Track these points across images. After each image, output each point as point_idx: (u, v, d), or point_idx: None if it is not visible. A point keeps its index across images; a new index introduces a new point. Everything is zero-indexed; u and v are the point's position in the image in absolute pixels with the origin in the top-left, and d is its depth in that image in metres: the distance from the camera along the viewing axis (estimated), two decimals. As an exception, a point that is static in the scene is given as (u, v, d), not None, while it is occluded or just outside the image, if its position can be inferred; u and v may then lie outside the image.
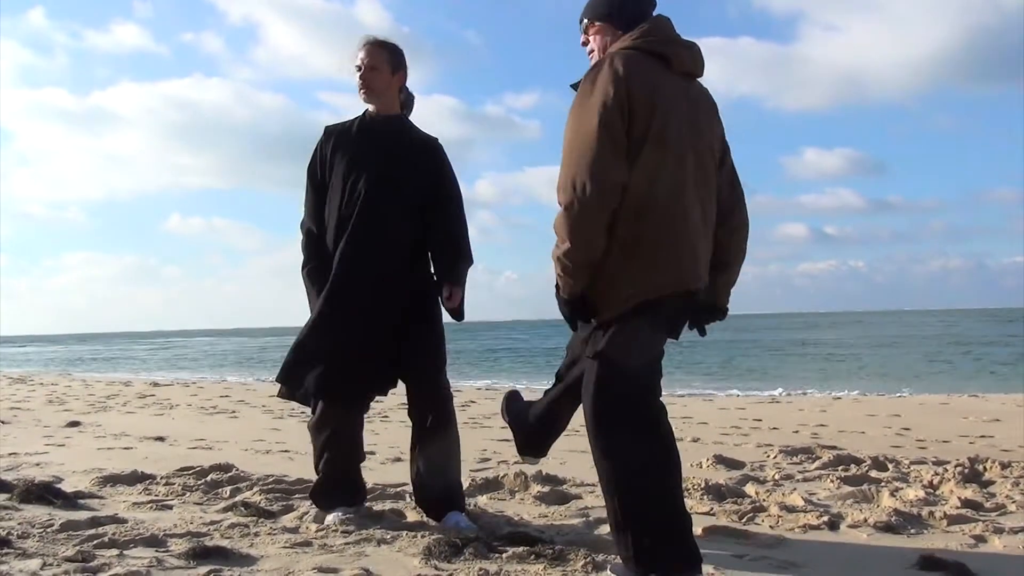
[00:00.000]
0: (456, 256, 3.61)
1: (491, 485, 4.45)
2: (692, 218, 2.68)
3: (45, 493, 3.95)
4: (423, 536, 3.28)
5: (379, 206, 3.51)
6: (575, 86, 2.71)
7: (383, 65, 3.59)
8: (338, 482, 3.66)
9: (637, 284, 2.59)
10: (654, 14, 2.81)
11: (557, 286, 2.69)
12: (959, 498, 4.06)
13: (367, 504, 3.83)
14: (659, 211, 2.59)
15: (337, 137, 3.66)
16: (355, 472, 3.74)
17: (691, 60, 2.75)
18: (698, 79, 2.83)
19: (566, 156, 2.56)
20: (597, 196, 2.50)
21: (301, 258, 3.66)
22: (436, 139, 3.72)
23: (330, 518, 3.56)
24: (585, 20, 2.84)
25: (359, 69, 3.59)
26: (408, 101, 3.75)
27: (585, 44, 2.88)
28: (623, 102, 2.53)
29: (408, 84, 3.73)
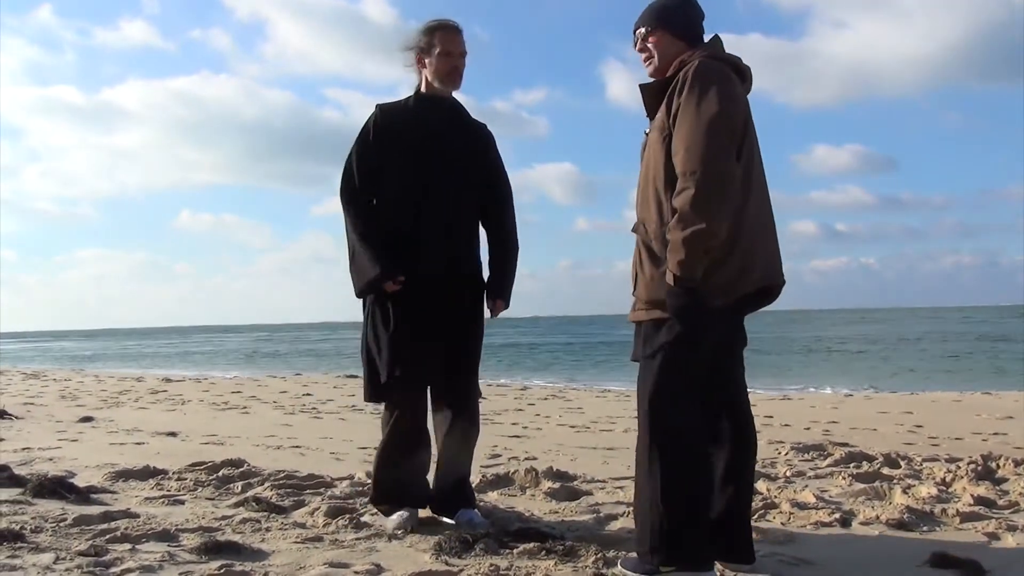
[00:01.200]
0: (511, 273, 3.65)
1: (502, 481, 4.45)
2: (772, 218, 2.83)
3: (58, 488, 3.97)
4: (434, 532, 3.28)
5: (447, 187, 3.50)
6: (644, 87, 2.87)
7: (465, 52, 3.56)
8: (401, 486, 3.52)
9: (736, 277, 2.67)
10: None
11: (675, 276, 2.59)
12: (972, 495, 4.03)
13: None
14: (754, 208, 2.72)
15: (393, 116, 3.58)
16: (419, 477, 3.57)
17: (752, 79, 2.89)
18: None
19: (691, 145, 2.59)
20: (727, 180, 2.58)
21: (354, 226, 3.50)
22: (486, 126, 3.72)
23: (392, 520, 3.44)
24: (645, 28, 2.91)
25: (448, 55, 3.50)
26: None
27: (643, 51, 2.93)
28: (735, 102, 2.66)
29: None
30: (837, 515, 3.65)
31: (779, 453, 5.73)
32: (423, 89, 3.59)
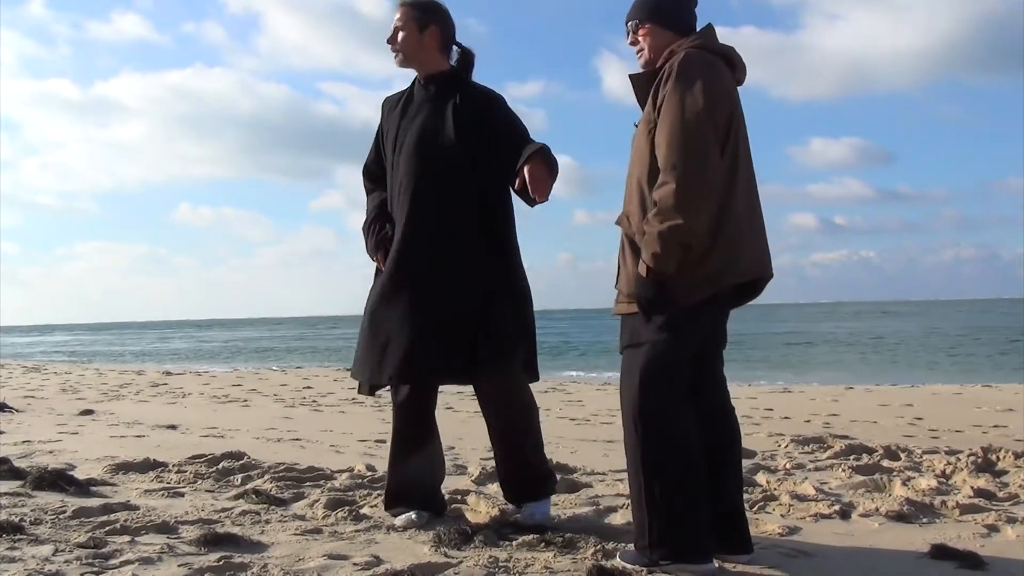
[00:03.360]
0: (521, 145, 3.23)
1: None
2: (760, 211, 2.82)
3: (58, 480, 3.97)
4: (433, 524, 3.28)
5: (419, 182, 3.27)
6: (633, 77, 2.88)
7: (409, 23, 3.34)
8: (407, 489, 3.42)
9: (722, 269, 2.66)
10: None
11: (648, 268, 2.62)
12: (972, 487, 4.03)
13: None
14: (741, 201, 2.70)
15: (388, 109, 3.50)
16: (426, 482, 3.46)
17: (744, 69, 2.87)
18: None
19: (673, 139, 2.60)
20: (708, 176, 2.59)
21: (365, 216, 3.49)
22: (494, 92, 3.39)
23: (399, 520, 3.34)
24: (635, 20, 2.90)
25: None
26: (465, 59, 3.43)
27: (634, 43, 2.93)
28: (719, 95, 2.65)
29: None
30: (837, 507, 3.65)
31: (779, 445, 5.73)
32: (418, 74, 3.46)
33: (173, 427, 6.99)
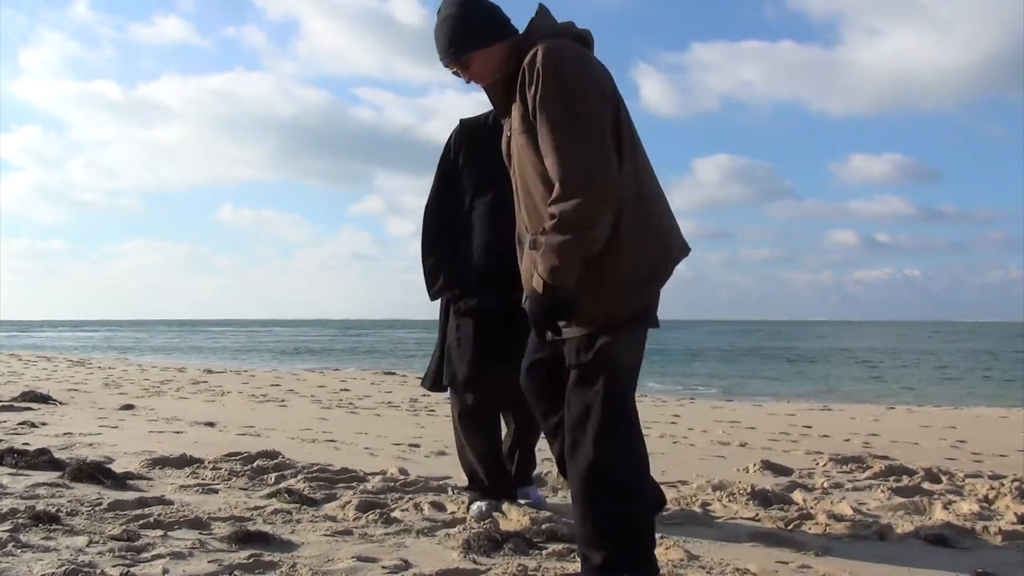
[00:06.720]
0: None
1: (535, 481, 4.42)
2: (664, 194, 2.66)
3: (96, 473, 4.03)
4: (463, 530, 3.27)
5: (511, 217, 3.35)
6: (489, 88, 2.63)
7: None
8: (476, 477, 3.74)
9: (655, 265, 2.53)
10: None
11: (545, 284, 2.38)
12: (1015, 514, 3.92)
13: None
14: (651, 194, 2.55)
15: (471, 131, 3.59)
16: (492, 468, 3.71)
17: (594, 41, 2.66)
18: None
19: (565, 146, 2.35)
20: (610, 184, 2.35)
21: (420, 249, 3.65)
22: None
23: (472, 510, 3.60)
24: (456, 67, 2.62)
25: None
26: None
27: (469, 80, 2.63)
28: (602, 85, 2.47)
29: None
30: (875, 528, 3.57)
31: (817, 464, 5.63)
32: None
33: (211, 424, 7.07)
